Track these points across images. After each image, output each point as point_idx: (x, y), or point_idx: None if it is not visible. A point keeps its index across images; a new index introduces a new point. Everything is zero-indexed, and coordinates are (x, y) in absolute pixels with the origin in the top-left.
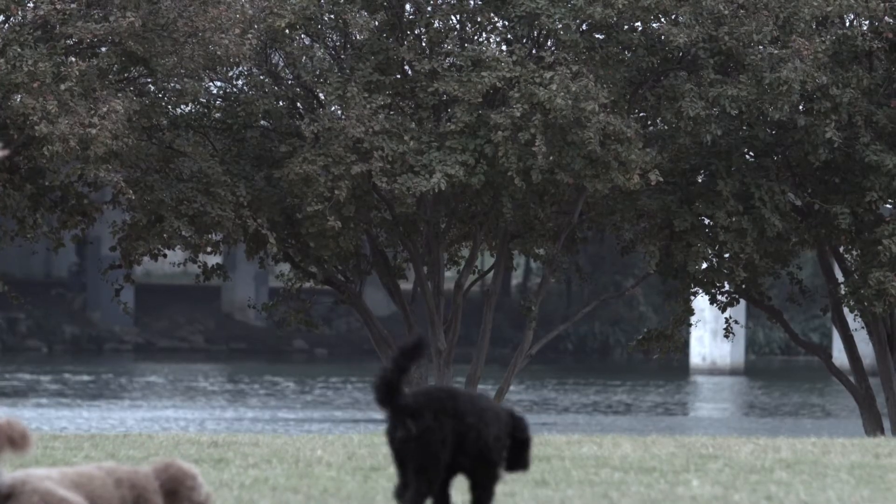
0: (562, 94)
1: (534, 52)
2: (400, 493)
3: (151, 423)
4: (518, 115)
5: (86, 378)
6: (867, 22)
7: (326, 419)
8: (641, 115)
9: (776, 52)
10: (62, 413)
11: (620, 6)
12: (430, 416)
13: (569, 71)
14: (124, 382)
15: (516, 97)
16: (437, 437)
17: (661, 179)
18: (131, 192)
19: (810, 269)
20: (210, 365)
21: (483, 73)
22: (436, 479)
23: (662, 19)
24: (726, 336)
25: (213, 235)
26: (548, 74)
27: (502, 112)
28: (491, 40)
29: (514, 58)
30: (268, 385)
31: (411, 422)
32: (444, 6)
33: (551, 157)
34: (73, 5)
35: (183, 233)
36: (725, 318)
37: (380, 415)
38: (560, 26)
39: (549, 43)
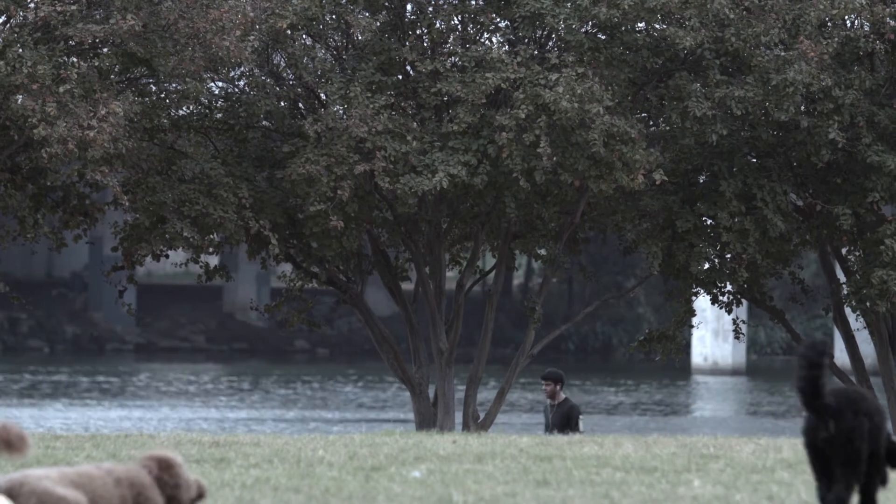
0: (567, 96)
1: (536, 53)
2: (823, 494)
3: (151, 422)
4: (523, 116)
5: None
6: (868, 24)
7: (326, 419)
8: (643, 115)
9: (782, 53)
10: (65, 413)
11: (626, 7)
12: (850, 416)
13: (574, 73)
14: (124, 381)
15: (521, 98)
16: (859, 435)
17: (666, 179)
18: (125, 198)
19: (813, 268)
20: (211, 365)
21: (487, 75)
22: (861, 472)
23: (667, 21)
24: (736, 337)
25: (215, 236)
26: (553, 76)
27: (507, 113)
28: (493, 41)
29: (519, 59)
30: (268, 385)
31: (832, 422)
32: (445, 6)
33: (555, 158)
34: (73, 7)
35: (185, 234)
36: (733, 319)
37: (378, 415)
38: (562, 28)
39: (550, 44)
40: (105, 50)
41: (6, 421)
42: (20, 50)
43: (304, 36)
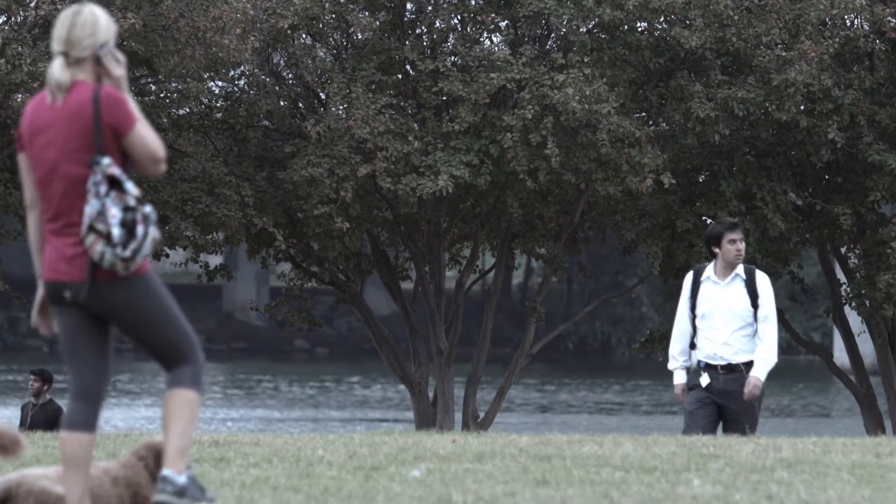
0: (577, 98)
1: (538, 53)
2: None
3: (154, 422)
4: (529, 117)
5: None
6: (868, 24)
7: (326, 418)
8: (643, 115)
9: (783, 54)
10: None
11: (630, 7)
12: None
13: (581, 74)
14: (123, 381)
15: (527, 98)
16: None
17: (674, 182)
18: None
19: (814, 268)
20: (211, 364)
21: (492, 75)
22: None
23: (669, 21)
24: None
25: (217, 234)
26: (560, 77)
27: (514, 114)
28: (494, 40)
29: (524, 59)
30: (268, 385)
31: None
32: (445, 6)
33: (559, 158)
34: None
35: (186, 233)
36: None
37: (378, 414)
38: (565, 28)
39: (550, 43)
40: None
41: (0, 424)
42: (20, 48)
43: (304, 35)
